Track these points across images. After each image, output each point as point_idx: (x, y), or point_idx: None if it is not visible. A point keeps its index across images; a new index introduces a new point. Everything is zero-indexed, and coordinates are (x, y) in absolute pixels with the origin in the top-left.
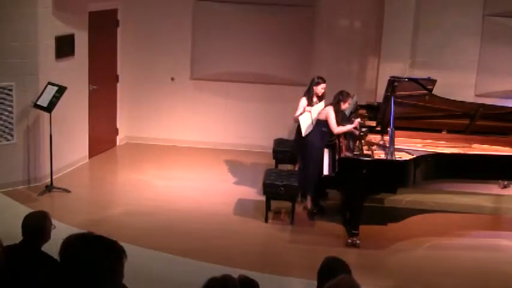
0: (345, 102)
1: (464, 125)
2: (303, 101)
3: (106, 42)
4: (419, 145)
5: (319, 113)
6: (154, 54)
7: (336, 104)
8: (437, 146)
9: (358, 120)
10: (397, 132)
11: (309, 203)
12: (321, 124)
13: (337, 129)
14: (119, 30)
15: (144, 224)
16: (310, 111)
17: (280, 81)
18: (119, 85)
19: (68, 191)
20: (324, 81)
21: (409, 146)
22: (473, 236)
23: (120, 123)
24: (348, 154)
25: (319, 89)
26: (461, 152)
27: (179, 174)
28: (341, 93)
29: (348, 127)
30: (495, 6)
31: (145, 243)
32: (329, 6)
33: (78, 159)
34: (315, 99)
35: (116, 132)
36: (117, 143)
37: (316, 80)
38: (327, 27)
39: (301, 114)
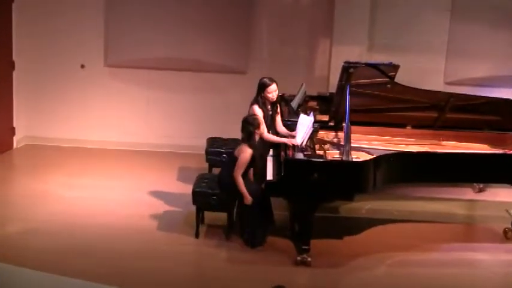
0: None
1: (433, 119)
2: (259, 112)
3: None
4: (379, 143)
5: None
6: (59, 36)
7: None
8: (401, 144)
9: (295, 143)
10: (354, 128)
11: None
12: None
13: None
14: (14, 6)
15: (50, 245)
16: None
17: (214, 69)
18: (14, 73)
19: None
20: (274, 82)
21: (368, 144)
22: (444, 249)
23: (17, 121)
24: (297, 154)
25: (269, 94)
26: (429, 150)
27: (92, 183)
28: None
29: (278, 139)
30: None
31: (53, 268)
32: None
33: None
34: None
35: (12, 131)
36: (14, 145)
37: (263, 81)
38: (268, 4)
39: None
